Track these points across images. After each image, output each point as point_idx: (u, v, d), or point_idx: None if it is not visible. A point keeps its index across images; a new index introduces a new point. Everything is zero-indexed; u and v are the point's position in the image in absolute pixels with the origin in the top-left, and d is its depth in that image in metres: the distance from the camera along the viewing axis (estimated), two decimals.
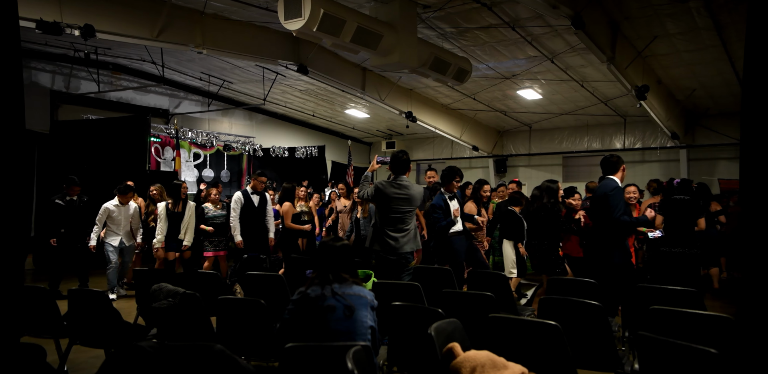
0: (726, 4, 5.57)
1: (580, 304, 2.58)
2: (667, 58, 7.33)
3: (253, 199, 5.58)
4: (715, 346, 1.70)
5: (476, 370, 1.80)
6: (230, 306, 2.68)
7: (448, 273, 3.88)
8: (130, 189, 5.86)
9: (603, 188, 3.91)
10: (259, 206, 5.60)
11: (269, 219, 5.73)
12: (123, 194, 5.75)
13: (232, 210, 5.51)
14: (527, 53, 7.42)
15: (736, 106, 9.56)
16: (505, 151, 13.02)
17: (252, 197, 5.59)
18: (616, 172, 3.92)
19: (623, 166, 3.96)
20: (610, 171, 3.94)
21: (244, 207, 5.51)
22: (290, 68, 8.01)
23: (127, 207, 5.84)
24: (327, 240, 2.33)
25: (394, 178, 3.85)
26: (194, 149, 11.05)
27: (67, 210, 5.76)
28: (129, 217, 5.85)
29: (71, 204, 5.83)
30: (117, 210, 5.75)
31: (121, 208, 5.78)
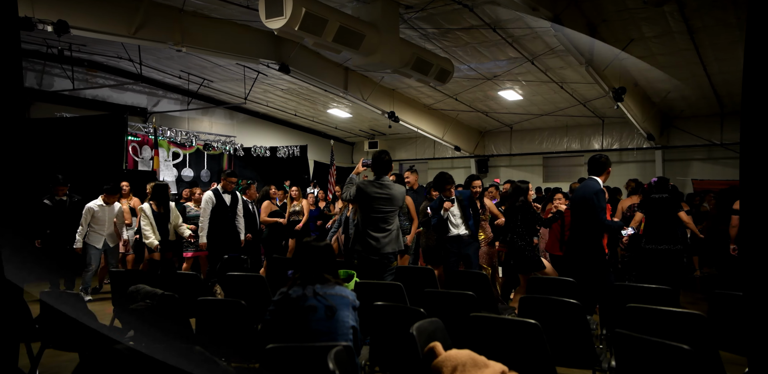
0: (699, 9, 5.73)
1: (559, 303, 2.62)
2: (642, 61, 7.50)
3: (225, 199, 5.49)
4: (688, 342, 1.75)
5: (457, 369, 1.81)
6: (210, 307, 2.64)
7: (430, 273, 3.90)
8: (118, 189, 5.72)
9: (586, 189, 3.93)
10: (230, 205, 5.52)
11: (239, 219, 5.61)
12: (111, 194, 5.60)
13: (202, 210, 5.37)
14: (508, 54, 7.51)
15: (709, 108, 9.86)
16: (487, 152, 13.15)
17: (223, 197, 5.49)
18: (602, 174, 3.92)
19: (609, 168, 3.96)
20: (597, 171, 3.94)
21: (215, 208, 5.40)
22: (272, 67, 7.94)
23: (112, 208, 5.69)
24: (309, 241, 2.31)
25: (376, 178, 3.84)
26: (173, 148, 10.85)
27: (55, 210, 5.60)
28: (113, 218, 5.71)
29: (60, 205, 5.67)
30: (101, 211, 5.59)
31: (105, 208, 5.63)
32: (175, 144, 10.79)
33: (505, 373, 1.87)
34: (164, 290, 2.69)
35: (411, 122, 10.60)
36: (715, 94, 8.95)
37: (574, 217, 4.13)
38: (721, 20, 6.00)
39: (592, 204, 3.80)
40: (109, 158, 8.20)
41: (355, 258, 4.07)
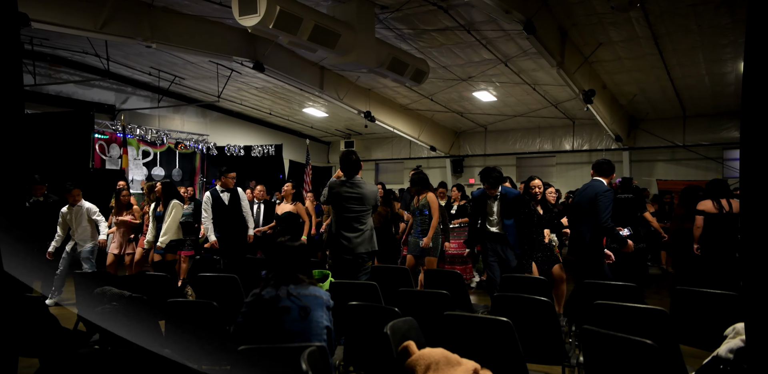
0: (662, 15, 5.95)
1: (530, 301, 2.67)
2: (610, 65, 7.74)
3: (223, 197, 5.38)
4: (651, 337, 1.81)
5: (431, 368, 1.83)
6: (180, 309, 2.59)
7: (405, 272, 3.92)
8: (71, 187, 5.50)
9: (592, 189, 4.01)
10: (230, 204, 5.38)
11: (246, 216, 5.46)
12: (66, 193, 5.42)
13: (203, 211, 5.33)
14: (482, 56, 7.61)
15: (672, 111, 10.24)
16: (462, 152, 13.30)
17: (221, 195, 5.39)
18: (608, 176, 4.05)
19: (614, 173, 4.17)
20: (604, 173, 4.08)
21: (214, 207, 5.33)
22: (246, 65, 7.82)
23: (78, 208, 5.47)
24: (283, 240, 2.29)
25: (347, 178, 3.83)
26: (143, 147, 10.56)
27: (30, 211, 5.37)
28: (80, 219, 5.47)
29: (36, 205, 5.42)
30: (67, 212, 5.43)
31: (71, 210, 5.43)
32: (145, 142, 10.51)
33: (478, 371, 1.91)
34: (132, 292, 2.62)
35: (387, 122, 10.63)
36: (678, 97, 9.30)
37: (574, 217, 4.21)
38: (682, 26, 6.24)
39: (596, 205, 3.88)
40: (75, 156, 7.91)
41: (329, 257, 4.05)
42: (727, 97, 9.26)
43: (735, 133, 10.25)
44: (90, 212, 5.54)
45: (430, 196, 4.97)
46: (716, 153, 10.49)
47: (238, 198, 5.46)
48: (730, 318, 2.16)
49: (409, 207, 5.13)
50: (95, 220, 5.54)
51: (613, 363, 1.96)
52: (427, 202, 4.96)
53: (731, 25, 6.12)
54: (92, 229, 5.55)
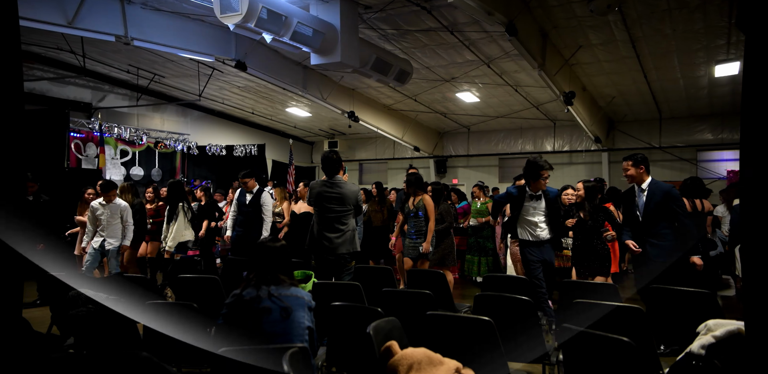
0: (638, 19, 6.09)
1: (512, 300, 2.71)
2: (590, 67, 7.88)
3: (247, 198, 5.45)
4: (628, 334, 1.86)
5: (413, 367, 1.84)
6: (159, 311, 2.54)
7: (388, 273, 3.92)
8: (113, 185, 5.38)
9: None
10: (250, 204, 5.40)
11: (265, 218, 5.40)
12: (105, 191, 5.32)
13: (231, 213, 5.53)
14: (465, 57, 7.67)
15: (649, 113, 10.50)
16: (445, 152, 13.38)
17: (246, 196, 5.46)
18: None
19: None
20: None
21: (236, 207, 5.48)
22: (227, 64, 7.73)
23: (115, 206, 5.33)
24: (264, 241, 2.27)
25: (328, 178, 3.82)
26: (121, 146, 10.35)
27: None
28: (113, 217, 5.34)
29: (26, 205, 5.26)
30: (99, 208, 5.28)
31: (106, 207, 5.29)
32: (123, 141, 10.30)
33: (459, 370, 1.92)
34: (109, 294, 2.56)
35: (371, 122, 10.63)
36: (654, 100, 9.53)
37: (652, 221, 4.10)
38: (658, 30, 6.40)
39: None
40: (50, 155, 7.71)
41: (312, 258, 4.03)
42: (700, 100, 9.53)
43: (708, 135, 10.56)
44: (124, 212, 5.36)
45: (426, 198, 4.79)
46: (690, 154, 10.79)
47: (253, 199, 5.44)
48: (702, 315, 2.22)
49: (404, 209, 5.02)
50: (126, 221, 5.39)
51: (592, 360, 2.00)
52: (422, 204, 4.79)
53: (704, 30, 6.30)
54: (123, 230, 5.40)
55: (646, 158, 3.78)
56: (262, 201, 5.34)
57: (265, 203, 5.35)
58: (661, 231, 3.58)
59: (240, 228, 5.33)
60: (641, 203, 3.69)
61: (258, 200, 5.34)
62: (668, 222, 3.60)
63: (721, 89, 8.83)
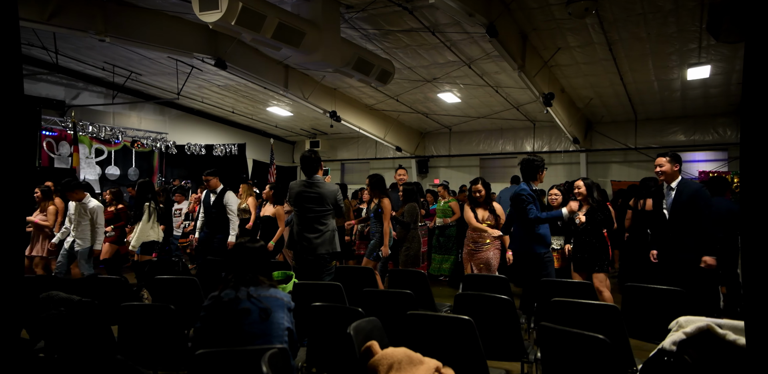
0: (615, 23, 6.23)
1: (492, 299, 2.74)
2: (568, 69, 8.02)
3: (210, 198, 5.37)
4: (603, 331, 1.90)
5: (393, 367, 1.84)
6: (135, 313, 2.49)
7: (369, 273, 3.92)
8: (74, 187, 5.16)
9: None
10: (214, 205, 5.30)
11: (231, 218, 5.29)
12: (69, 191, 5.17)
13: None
14: (447, 58, 7.72)
15: (625, 115, 10.74)
16: (427, 152, 13.44)
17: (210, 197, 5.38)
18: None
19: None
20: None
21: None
22: (207, 62, 7.61)
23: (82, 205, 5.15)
24: (243, 241, 2.24)
25: (307, 178, 3.79)
26: (96, 145, 10.10)
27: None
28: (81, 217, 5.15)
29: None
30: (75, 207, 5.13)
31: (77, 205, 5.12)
32: (98, 140, 10.05)
33: (439, 369, 1.94)
34: (82, 296, 2.49)
35: (353, 122, 10.61)
36: (630, 101, 9.76)
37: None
38: (634, 34, 6.55)
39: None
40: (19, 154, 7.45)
41: (293, 258, 4.00)
42: (673, 102, 9.80)
43: (681, 136, 10.87)
44: (94, 213, 5.07)
45: (385, 202, 4.79)
46: None
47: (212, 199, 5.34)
48: (674, 312, 2.28)
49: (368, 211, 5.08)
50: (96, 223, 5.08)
51: (568, 358, 2.03)
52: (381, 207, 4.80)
53: (677, 34, 6.48)
54: (93, 231, 5.11)
55: (680, 157, 3.74)
56: (225, 201, 5.24)
57: (229, 203, 5.25)
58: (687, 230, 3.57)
59: (206, 230, 5.24)
60: (669, 201, 3.66)
61: (221, 200, 5.25)
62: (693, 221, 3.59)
63: (693, 92, 9.09)
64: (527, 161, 4.03)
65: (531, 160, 4.03)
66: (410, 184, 5.35)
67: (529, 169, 4.00)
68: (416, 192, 5.20)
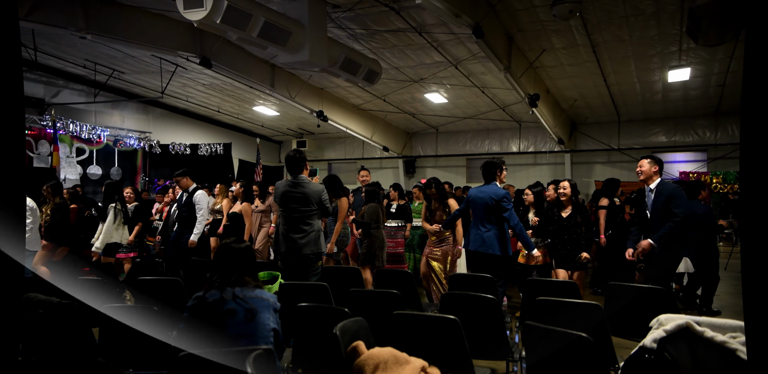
0: (598, 25, 6.33)
1: (477, 298, 2.76)
2: (553, 70, 8.12)
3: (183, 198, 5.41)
4: (586, 330, 1.92)
5: (379, 367, 1.84)
6: (117, 314, 2.44)
7: (356, 273, 3.92)
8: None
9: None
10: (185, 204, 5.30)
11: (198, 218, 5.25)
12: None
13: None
14: (433, 58, 7.75)
15: (608, 116, 10.91)
16: (414, 152, 13.48)
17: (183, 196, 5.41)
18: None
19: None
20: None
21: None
22: (192, 61, 7.52)
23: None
24: (228, 242, 2.22)
25: (293, 178, 3.78)
26: (77, 144, 9.90)
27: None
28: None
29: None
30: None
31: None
32: (79, 139, 9.86)
33: (425, 368, 1.94)
34: (62, 298, 2.44)
35: (340, 122, 10.58)
36: (613, 103, 9.92)
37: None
38: (616, 36, 6.66)
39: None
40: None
41: (278, 259, 3.98)
42: (655, 104, 9.98)
43: (662, 137, 11.09)
44: (29, 212, 4.69)
45: (341, 201, 4.93)
46: None
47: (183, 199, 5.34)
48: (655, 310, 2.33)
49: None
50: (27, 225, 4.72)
51: (552, 356, 2.06)
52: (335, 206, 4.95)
53: (658, 36, 6.61)
54: (33, 235, 4.76)
55: (661, 160, 3.92)
56: (194, 200, 5.21)
57: (198, 202, 5.22)
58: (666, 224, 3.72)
59: (177, 229, 5.26)
60: (650, 202, 3.82)
61: (191, 199, 5.23)
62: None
63: (674, 94, 9.27)
64: (488, 163, 4.26)
65: (491, 162, 4.25)
66: (372, 185, 5.49)
67: (490, 170, 4.22)
68: (378, 193, 5.32)
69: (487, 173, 4.24)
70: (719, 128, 10.57)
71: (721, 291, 5.85)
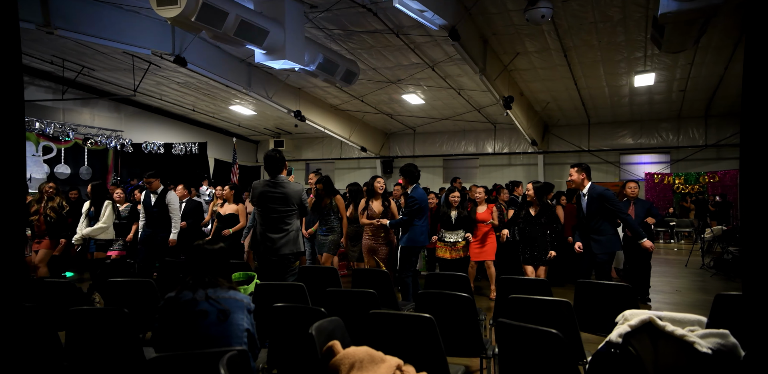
0: (569, 30, 6.50)
1: (452, 297, 2.80)
2: (527, 73, 8.29)
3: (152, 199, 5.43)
4: (557, 326, 1.98)
5: (355, 366, 1.86)
6: (84, 317, 2.38)
7: (333, 273, 3.92)
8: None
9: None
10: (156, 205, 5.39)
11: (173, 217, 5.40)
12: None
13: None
14: (410, 60, 7.81)
15: (579, 118, 11.22)
16: (392, 153, 13.53)
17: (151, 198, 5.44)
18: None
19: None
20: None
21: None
22: (165, 58, 7.37)
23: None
24: (201, 243, 2.20)
25: (271, 178, 3.76)
26: (44, 142, 9.57)
27: None
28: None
29: None
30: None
31: None
32: (46, 137, 9.53)
33: (401, 366, 1.97)
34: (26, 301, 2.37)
35: (318, 122, 10.54)
36: (584, 106, 10.20)
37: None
38: (586, 41, 6.86)
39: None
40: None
41: (255, 259, 3.95)
42: (622, 107, 10.31)
43: (629, 140, 11.47)
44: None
45: (338, 199, 5.23)
46: (614, 157, 11.63)
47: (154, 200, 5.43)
48: (621, 306, 2.42)
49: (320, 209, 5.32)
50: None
51: (524, 352, 2.12)
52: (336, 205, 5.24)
53: (625, 42, 6.84)
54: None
55: (588, 167, 4.28)
56: (167, 200, 5.39)
57: (171, 202, 5.41)
58: (600, 228, 4.12)
59: (148, 229, 5.35)
60: (584, 205, 4.21)
61: (163, 200, 5.40)
62: (605, 220, 4.14)
63: (640, 98, 9.60)
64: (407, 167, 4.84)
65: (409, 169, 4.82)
66: (355, 185, 5.80)
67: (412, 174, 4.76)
68: (360, 192, 5.55)
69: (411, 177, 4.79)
70: (681, 131, 11.00)
71: (682, 287, 6.10)
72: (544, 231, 4.65)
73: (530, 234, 4.67)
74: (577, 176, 4.18)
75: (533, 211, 4.70)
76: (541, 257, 4.61)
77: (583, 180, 4.17)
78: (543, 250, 4.63)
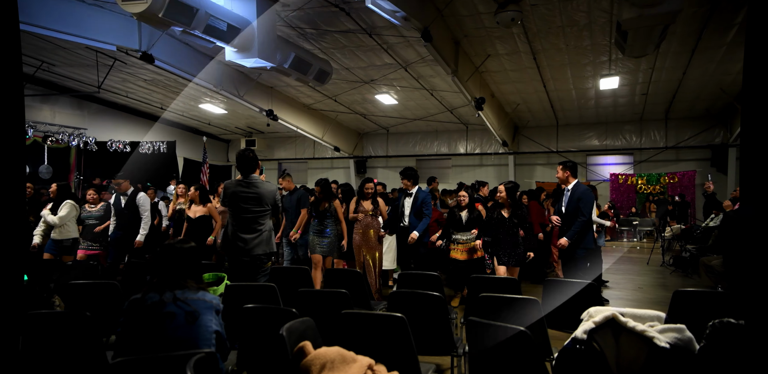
0: (538, 33, 6.66)
1: (424, 296, 2.83)
2: (497, 75, 8.45)
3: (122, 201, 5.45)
4: (525, 323, 2.03)
5: (326, 367, 1.85)
6: (42, 321, 2.29)
7: (305, 273, 3.90)
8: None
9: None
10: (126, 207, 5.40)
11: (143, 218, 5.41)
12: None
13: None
14: (383, 60, 7.84)
15: (548, 120, 11.51)
16: (365, 153, 13.53)
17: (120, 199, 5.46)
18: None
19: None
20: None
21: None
22: (132, 55, 7.15)
23: None
24: (172, 242, 2.14)
25: (243, 177, 3.70)
26: None
27: None
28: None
29: None
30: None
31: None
32: None
33: (372, 366, 1.98)
34: None
35: (290, 121, 10.44)
36: (552, 108, 10.47)
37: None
38: (554, 45, 7.05)
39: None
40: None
41: (226, 260, 3.88)
42: (588, 110, 10.64)
43: (595, 141, 11.84)
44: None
45: (336, 203, 5.27)
46: (582, 158, 11.98)
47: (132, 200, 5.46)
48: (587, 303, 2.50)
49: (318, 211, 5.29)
50: None
51: (493, 349, 2.16)
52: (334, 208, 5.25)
53: (591, 46, 7.06)
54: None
55: (575, 165, 4.52)
56: (138, 202, 5.41)
57: (142, 204, 5.43)
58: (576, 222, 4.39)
59: (119, 231, 5.34)
60: (565, 200, 4.44)
61: (134, 201, 5.42)
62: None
63: (605, 100, 9.93)
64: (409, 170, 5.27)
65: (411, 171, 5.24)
66: (347, 185, 5.90)
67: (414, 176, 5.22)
68: (352, 191, 5.70)
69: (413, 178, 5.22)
70: (643, 133, 11.44)
71: (644, 284, 6.35)
72: (516, 232, 4.72)
73: (504, 236, 4.67)
74: (561, 173, 4.42)
75: (506, 213, 4.73)
76: (517, 258, 4.66)
77: (567, 177, 4.40)
78: (519, 251, 4.68)
